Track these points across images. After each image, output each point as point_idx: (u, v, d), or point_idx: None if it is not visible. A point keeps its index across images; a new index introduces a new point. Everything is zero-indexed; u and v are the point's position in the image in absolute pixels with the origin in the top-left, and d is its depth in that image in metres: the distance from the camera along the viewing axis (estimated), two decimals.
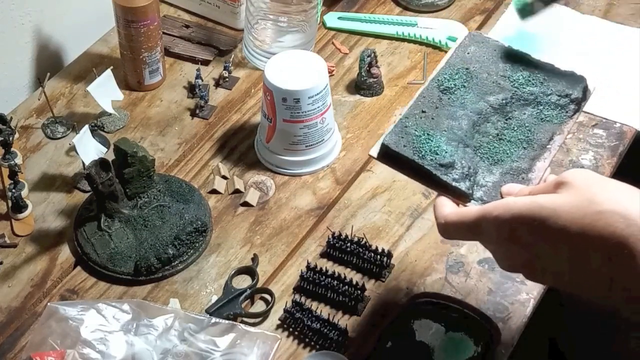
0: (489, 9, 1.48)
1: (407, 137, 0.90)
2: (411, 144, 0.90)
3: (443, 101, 0.94)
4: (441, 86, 0.96)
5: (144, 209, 1.16)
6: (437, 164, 0.88)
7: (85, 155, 1.17)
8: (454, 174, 0.88)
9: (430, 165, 0.88)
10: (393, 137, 0.91)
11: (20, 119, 1.31)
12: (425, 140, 0.90)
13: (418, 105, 0.94)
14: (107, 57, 1.40)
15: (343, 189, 1.22)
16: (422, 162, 0.88)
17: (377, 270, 1.10)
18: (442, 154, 0.89)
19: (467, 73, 0.98)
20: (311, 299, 1.09)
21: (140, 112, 1.33)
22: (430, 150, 0.89)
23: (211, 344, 1.03)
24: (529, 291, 1.09)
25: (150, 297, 1.10)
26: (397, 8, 1.49)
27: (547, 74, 0.99)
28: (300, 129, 1.19)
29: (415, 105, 0.94)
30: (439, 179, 0.88)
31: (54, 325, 1.04)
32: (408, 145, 0.90)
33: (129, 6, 1.26)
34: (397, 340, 1.03)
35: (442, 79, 0.96)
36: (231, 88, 1.36)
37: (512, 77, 0.98)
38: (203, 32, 1.43)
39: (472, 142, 0.93)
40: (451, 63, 0.98)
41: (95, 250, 1.13)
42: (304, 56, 1.21)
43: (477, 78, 0.97)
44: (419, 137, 0.90)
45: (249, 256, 1.14)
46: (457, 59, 0.99)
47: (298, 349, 1.05)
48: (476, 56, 1.00)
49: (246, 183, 1.22)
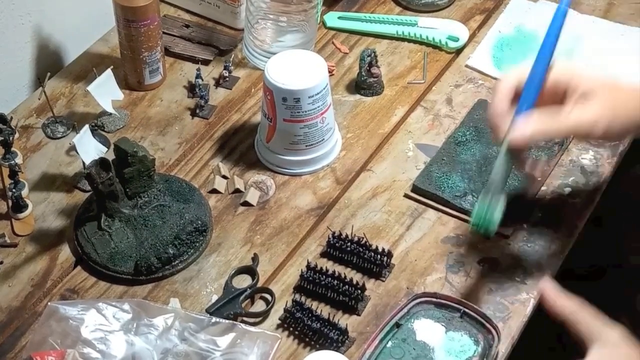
0: (489, 8, 1.48)
1: (431, 178, 1.19)
2: (434, 183, 1.19)
3: (457, 151, 1.23)
4: (456, 141, 1.24)
5: (144, 208, 1.16)
6: (453, 195, 1.17)
7: (86, 154, 1.17)
8: (466, 202, 1.16)
9: (449, 196, 1.17)
10: (420, 179, 1.20)
11: (21, 119, 1.31)
12: (444, 179, 1.19)
13: (440, 155, 1.22)
14: (107, 57, 1.40)
15: (343, 188, 1.22)
16: (442, 195, 1.17)
17: (377, 269, 1.11)
18: (457, 188, 1.18)
19: (476, 130, 1.25)
20: (311, 299, 1.09)
21: (140, 111, 1.33)
22: (448, 186, 1.18)
23: (211, 343, 1.03)
24: (529, 291, 1.09)
25: (150, 296, 1.10)
26: (397, 8, 1.49)
27: None
28: (300, 128, 1.19)
29: (438, 155, 1.22)
30: (454, 206, 1.17)
31: (54, 325, 1.04)
32: (432, 183, 1.19)
33: (129, 6, 1.26)
34: (397, 340, 1.03)
35: (457, 136, 1.25)
36: (231, 88, 1.36)
37: None
38: (203, 31, 1.43)
39: (480, 179, 1.18)
40: (464, 123, 1.27)
41: (96, 249, 1.13)
42: (304, 56, 1.21)
43: (483, 133, 1.24)
44: (440, 177, 1.19)
45: (249, 256, 1.14)
46: (468, 120, 1.27)
47: (298, 348, 1.05)
48: (482, 118, 1.26)
49: (246, 183, 1.22)
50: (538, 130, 0.96)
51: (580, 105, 0.96)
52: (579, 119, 0.96)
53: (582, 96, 0.97)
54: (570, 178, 1.21)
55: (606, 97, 0.96)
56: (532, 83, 0.97)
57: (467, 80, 1.36)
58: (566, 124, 0.96)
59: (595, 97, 0.96)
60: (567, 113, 0.96)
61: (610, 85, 0.96)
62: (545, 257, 1.12)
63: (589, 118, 0.96)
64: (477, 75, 1.36)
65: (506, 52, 1.39)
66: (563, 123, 0.96)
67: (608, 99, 0.96)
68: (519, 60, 1.37)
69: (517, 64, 1.35)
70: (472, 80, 1.36)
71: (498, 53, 1.39)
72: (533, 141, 0.97)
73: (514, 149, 0.98)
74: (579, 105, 0.96)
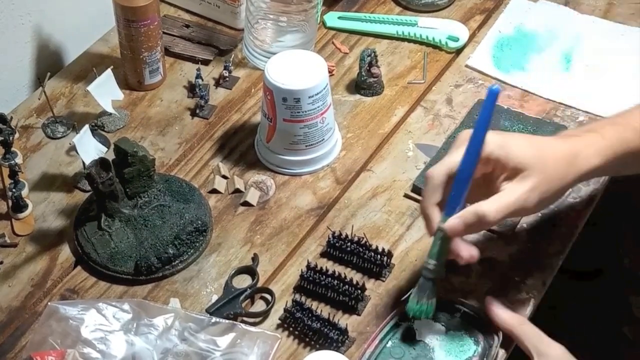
0: (489, 8, 1.48)
1: None
2: None
3: None
4: None
5: (144, 208, 1.16)
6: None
7: (86, 154, 1.17)
8: None
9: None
10: (420, 179, 1.17)
11: (21, 119, 1.31)
12: None
13: (440, 155, 1.19)
14: (107, 57, 1.40)
15: (343, 188, 1.22)
16: None
17: (377, 269, 1.11)
18: None
19: None
20: (311, 299, 1.09)
21: (140, 111, 1.33)
22: None
23: (211, 343, 1.03)
24: (529, 291, 1.09)
25: (150, 296, 1.10)
26: (397, 8, 1.49)
27: (536, 125, 1.25)
28: (300, 128, 1.19)
29: (438, 155, 1.20)
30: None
31: (54, 325, 1.04)
32: None
33: (129, 6, 1.26)
34: (397, 340, 1.03)
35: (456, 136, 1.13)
36: (231, 88, 1.36)
37: (509, 130, 1.23)
38: (203, 31, 1.43)
39: None
40: (464, 123, 1.24)
41: (96, 249, 1.13)
42: (304, 56, 1.21)
43: None
44: None
45: (249, 256, 1.14)
46: (468, 119, 1.25)
47: (298, 348, 1.05)
48: None
49: (246, 183, 1.22)
50: (472, 219, 0.96)
51: (513, 182, 0.96)
52: (513, 195, 0.96)
53: (513, 171, 0.96)
54: None
55: (537, 169, 0.96)
56: (463, 174, 0.97)
57: (467, 80, 1.36)
58: (500, 205, 0.95)
59: (526, 170, 0.96)
60: (501, 194, 0.96)
61: (538, 156, 0.96)
62: (545, 257, 1.12)
63: (523, 192, 0.96)
64: (477, 75, 1.36)
65: (506, 52, 1.39)
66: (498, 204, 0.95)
67: (539, 170, 0.96)
68: (519, 60, 1.38)
69: (516, 66, 1.36)
70: (472, 80, 1.36)
71: (498, 53, 1.39)
72: (469, 229, 0.97)
73: (449, 237, 0.98)
74: (512, 182, 0.96)
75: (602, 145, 0.99)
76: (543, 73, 1.36)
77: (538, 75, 1.35)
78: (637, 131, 1.01)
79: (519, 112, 1.29)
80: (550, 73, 1.36)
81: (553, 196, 0.99)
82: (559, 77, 1.35)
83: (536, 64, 1.37)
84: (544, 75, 1.35)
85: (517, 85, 1.34)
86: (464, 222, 0.95)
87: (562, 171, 0.97)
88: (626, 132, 1.01)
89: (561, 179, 0.98)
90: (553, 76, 1.35)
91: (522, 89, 1.34)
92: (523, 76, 1.35)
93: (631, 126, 1.01)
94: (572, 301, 1.45)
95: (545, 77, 1.35)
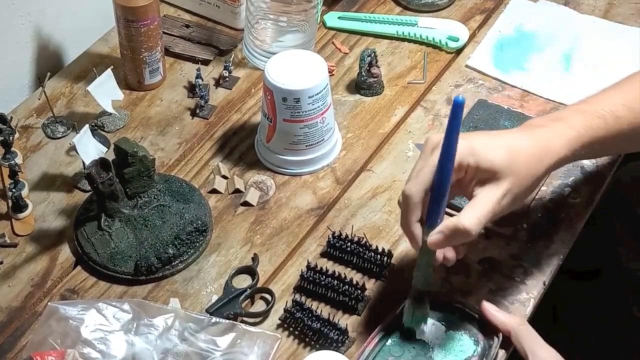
0: (489, 8, 1.48)
1: None
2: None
3: None
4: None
5: (144, 208, 1.16)
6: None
7: (86, 154, 1.17)
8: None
9: None
10: None
11: (21, 119, 1.31)
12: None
13: None
14: (107, 57, 1.40)
15: (343, 188, 1.22)
16: None
17: (377, 270, 1.11)
18: None
19: (476, 129, 1.25)
20: (311, 299, 1.09)
21: (140, 111, 1.33)
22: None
23: (211, 343, 1.03)
24: (529, 291, 1.09)
25: (150, 296, 1.10)
26: (397, 8, 1.49)
27: None
28: (300, 128, 1.19)
29: None
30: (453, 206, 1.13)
31: (54, 325, 1.04)
32: None
33: (129, 6, 1.26)
34: (397, 339, 1.03)
35: None
36: (231, 88, 1.36)
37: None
38: (203, 32, 1.44)
39: None
40: (464, 123, 1.22)
41: (96, 249, 1.13)
42: (304, 56, 1.21)
43: None
44: None
45: (249, 256, 1.14)
46: (468, 120, 1.27)
47: (298, 348, 1.05)
48: (483, 117, 1.27)
49: (246, 183, 1.22)
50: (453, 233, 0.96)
51: (486, 188, 0.97)
52: (489, 203, 0.96)
53: (484, 176, 0.97)
54: (570, 178, 1.21)
55: (508, 171, 0.96)
56: (440, 190, 0.97)
57: (467, 80, 1.36)
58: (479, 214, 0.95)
59: (498, 173, 0.96)
60: (477, 203, 0.96)
61: (509, 158, 0.97)
62: (545, 257, 1.12)
63: (498, 198, 0.96)
64: (477, 75, 1.36)
65: (506, 52, 1.39)
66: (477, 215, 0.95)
67: (510, 172, 0.96)
68: (519, 60, 1.38)
69: (516, 66, 1.36)
70: (472, 80, 1.36)
71: (498, 53, 1.39)
72: (451, 242, 0.97)
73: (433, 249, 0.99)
74: (485, 188, 0.97)
75: (569, 136, 1.00)
76: (543, 73, 1.36)
77: (538, 75, 1.35)
78: (603, 118, 1.01)
79: (519, 112, 1.29)
80: (550, 73, 1.36)
81: (526, 193, 1.00)
82: (559, 77, 1.35)
83: (536, 64, 1.37)
84: (543, 75, 1.35)
85: (517, 85, 1.34)
86: (445, 236, 0.96)
87: (533, 168, 0.98)
88: (592, 120, 1.01)
89: (532, 176, 0.98)
90: (553, 76, 1.35)
91: (522, 89, 1.34)
92: (523, 76, 1.35)
93: (597, 113, 1.02)
94: (572, 301, 1.45)
95: (545, 77, 1.35)
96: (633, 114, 1.03)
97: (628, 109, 1.03)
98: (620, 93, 1.05)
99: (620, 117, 1.02)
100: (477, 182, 0.98)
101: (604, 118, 1.02)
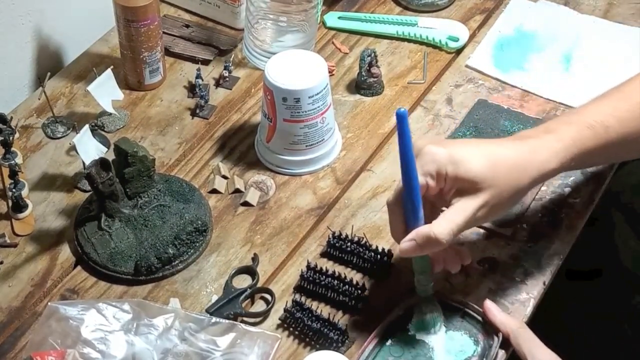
0: (489, 8, 1.48)
1: None
2: None
3: None
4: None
5: (144, 208, 1.16)
6: None
7: (86, 154, 1.17)
8: None
9: None
10: None
11: (21, 119, 1.31)
12: None
13: None
14: (107, 57, 1.40)
15: (343, 188, 1.22)
16: None
17: (378, 270, 1.11)
18: None
19: (476, 130, 1.26)
20: (311, 299, 1.09)
21: (140, 111, 1.33)
22: None
23: (211, 343, 1.03)
24: (529, 291, 1.09)
25: (150, 296, 1.10)
26: (397, 8, 1.49)
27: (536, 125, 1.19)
28: (300, 128, 1.19)
29: None
30: None
31: (54, 325, 1.04)
32: None
33: (129, 6, 1.26)
34: (397, 339, 1.03)
35: (457, 136, 1.25)
36: (231, 88, 1.36)
37: (509, 130, 1.25)
38: (203, 31, 1.44)
39: None
40: (464, 123, 1.27)
41: (96, 249, 1.13)
42: (304, 56, 1.21)
43: (484, 132, 1.26)
44: None
45: (249, 256, 1.14)
46: (468, 120, 1.28)
47: (298, 348, 1.05)
48: (483, 117, 1.28)
49: (246, 183, 1.22)
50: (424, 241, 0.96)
51: (463, 200, 0.96)
52: (464, 214, 0.96)
53: (463, 186, 0.96)
54: (570, 178, 1.21)
55: (488, 182, 0.96)
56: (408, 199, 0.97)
57: (467, 80, 1.36)
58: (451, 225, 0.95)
59: (477, 184, 0.96)
60: (451, 213, 0.96)
61: (490, 167, 0.96)
62: (545, 257, 1.13)
63: (474, 210, 0.96)
64: (477, 75, 1.36)
65: (506, 52, 1.39)
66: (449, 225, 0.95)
67: (490, 183, 0.96)
68: (519, 60, 1.38)
69: (516, 66, 1.36)
70: (472, 80, 1.36)
71: (498, 53, 1.39)
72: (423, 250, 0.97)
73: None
74: (462, 199, 0.96)
75: (557, 148, 0.99)
76: (543, 73, 1.36)
77: (538, 75, 1.35)
78: (592, 129, 1.01)
79: (519, 112, 1.29)
80: (550, 73, 1.36)
81: (507, 204, 0.99)
82: (559, 77, 1.35)
83: (536, 64, 1.37)
84: (543, 75, 1.35)
85: (517, 85, 1.34)
86: (417, 244, 0.96)
87: (514, 178, 0.97)
88: (581, 132, 1.00)
89: (514, 187, 0.97)
90: (553, 76, 1.35)
91: (522, 89, 1.34)
92: (523, 76, 1.35)
93: (586, 124, 1.01)
94: (572, 301, 1.45)
95: (545, 77, 1.35)
96: (622, 123, 1.02)
97: (617, 119, 1.02)
98: (609, 103, 1.04)
99: (610, 127, 1.01)
100: (455, 192, 0.97)
101: (593, 129, 1.01)
